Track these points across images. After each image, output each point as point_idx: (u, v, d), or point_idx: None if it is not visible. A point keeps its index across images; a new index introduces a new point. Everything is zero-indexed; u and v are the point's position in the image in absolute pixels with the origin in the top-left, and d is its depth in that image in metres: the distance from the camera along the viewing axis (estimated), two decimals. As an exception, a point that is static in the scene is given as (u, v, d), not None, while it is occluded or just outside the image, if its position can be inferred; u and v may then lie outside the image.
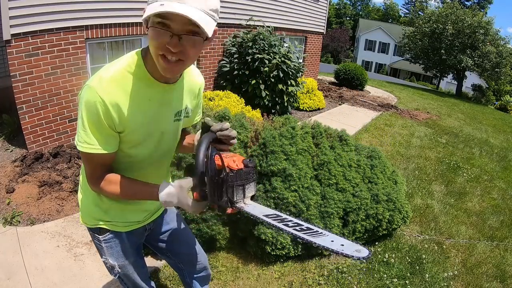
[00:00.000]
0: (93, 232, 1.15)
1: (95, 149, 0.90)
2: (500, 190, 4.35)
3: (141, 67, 0.92)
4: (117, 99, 0.88)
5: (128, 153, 1.00)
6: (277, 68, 5.44)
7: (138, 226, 1.19)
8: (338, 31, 43.17)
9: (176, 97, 1.03)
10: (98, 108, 0.86)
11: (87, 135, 0.89)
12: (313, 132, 2.58)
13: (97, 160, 0.94)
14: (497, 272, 2.64)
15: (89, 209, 1.12)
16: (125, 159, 1.02)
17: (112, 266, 1.19)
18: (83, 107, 0.87)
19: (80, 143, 0.90)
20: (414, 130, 6.42)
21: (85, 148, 0.90)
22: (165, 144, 1.08)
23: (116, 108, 0.89)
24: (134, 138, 0.97)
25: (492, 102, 20.06)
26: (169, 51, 0.81)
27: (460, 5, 17.61)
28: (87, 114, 0.87)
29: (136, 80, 0.91)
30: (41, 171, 3.24)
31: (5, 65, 4.16)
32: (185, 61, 0.86)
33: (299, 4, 7.98)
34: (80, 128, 0.89)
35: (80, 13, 3.74)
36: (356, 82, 10.00)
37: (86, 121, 0.88)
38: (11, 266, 2.10)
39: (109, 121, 0.89)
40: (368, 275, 2.38)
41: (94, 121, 0.88)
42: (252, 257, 2.41)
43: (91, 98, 0.86)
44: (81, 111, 0.88)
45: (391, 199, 2.58)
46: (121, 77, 0.90)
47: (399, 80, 27.27)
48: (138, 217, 1.17)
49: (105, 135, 0.90)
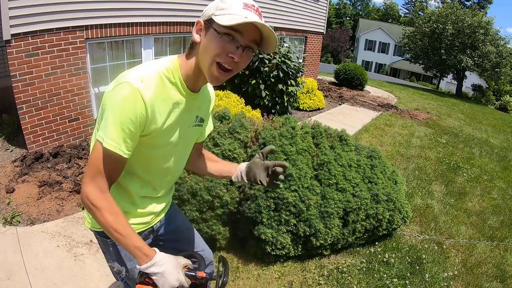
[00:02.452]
0: (101, 236, 1.13)
1: (120, 150, 0.88)
2: (500, 190, 4.35)
3: (177, 73, 0.94)
4: (153, 100, 0.89)
5: (148, 156, 0.99)
6: (277, 68, 5.44)
7: (146, 228, 1.18)
8: (338, 31, 43.17)
9: (196, 106, 1.07)
10: (136, 106, 0.86)
11: (116, 133, 0.86)
12: (313, 132, 2.58)
13: (112, 162, 0.91)
14: (497, 272, 2.64)
15: None
16: (144, 162, 1.01)
17: (119, 271, 1.17)
18: (119, 103, 0.85)
19: (108, 139, 0.86)
20: (414, 130, 6.42)
21: (112, 146, 0.87)
22: (181, 149, 1.10)
23: (152, 109, 0.89)
24: (156, 141, 0.97)
25: (492, 102, 20.06)
26: (229, 61, 0.88)
27: (460, 5, 17.62)
28: (123, 111, 0.85)
29: (170, 85, 0.94)
30: (41, 171, 3.24)
31: (5, 65, 4.17)
32: (233, 72, 0.92)
33: (299, 4, 7.98)
34: (111, 125, 0.86)
35: (80, 13, 3.74)
36: (356, 82, 10.00)
37: (118, 119, 0.85)
38: (11, 266, 2.10)
39: (143, 120, 0.88)
40: (368, 275, 2.38)
41: (128, 119, 0.86)
42: (252, 257, 2.41)
43: (131, 96, 0.85)
44: (114, 108, 0.86)
45: (391, 199, 2.58)
46: (158, 79, 0.91)
47: (399, 80, 27.27)
48: (146, 219, 1.17)
49: (131, 137, 0.88)
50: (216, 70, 0.89)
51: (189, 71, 0.95)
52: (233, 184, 2.31)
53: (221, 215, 2.27)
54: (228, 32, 0.85)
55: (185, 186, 2.19)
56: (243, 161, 2.30)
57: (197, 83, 0.99)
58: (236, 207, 2.29)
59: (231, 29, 0.85)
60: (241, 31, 0.86)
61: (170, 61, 0.95)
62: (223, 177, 1.31)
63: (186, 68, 0.95)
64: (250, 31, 0.86)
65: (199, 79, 0.98)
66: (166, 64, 0.94)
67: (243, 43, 0.87)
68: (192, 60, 0.95)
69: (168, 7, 4.80)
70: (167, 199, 1.25)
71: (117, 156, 0.89)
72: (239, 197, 2.29)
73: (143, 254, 0.91)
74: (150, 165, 1.04)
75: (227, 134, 2.33)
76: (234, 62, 0.89)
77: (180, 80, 0.95)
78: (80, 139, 4.09)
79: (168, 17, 4.85)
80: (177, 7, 4.94)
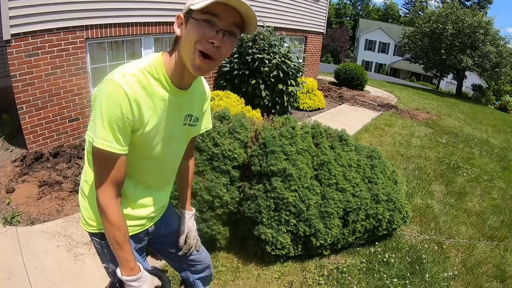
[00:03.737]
0: (95, 237, 1.14)
1: (111, 147, 0.88)
2: (500, 190, 4.35)
3: (160, 69, 0.94)
4: (137, 96, 0.89)
5: (137, 154, 0.99)
6: (277, 68, 5.44)
7: (141, 230, 1.18)
8: (338, 31, 43.15)
9: (186, 104, 1.06)
10: (120, 101, 0.86)
11: (105, 131, 0.86)
12: (313, 132, 2.58)
13: (109, 160, 0.91)
14: (497, 272, 2.64)
15: (92, 214, 1.10)
16: (134, 161, 1.01)
17: (114, 271, 1.17)
18: (103, 101, 0.85)
19: (97, 138, 0.87)
20: (414, 130, 6.42)
21: (102, 145, 0.87)
22: (173, 148, 1.10)
23: (136, 104, 0.89)
24: (146, 139, 0.97)
25: (492, 102, 20.07)
26: (210, 47, 0.86)
27: (460, 5, 17.61)
28: (108, 108, 0.85)
29: (154, 81, 0.93)
30: (41, 171, 3.24)
31: (5, 65, 4.16)
32: (216, 61, 0.90)
33: (299, 4, 7.98)
34: (99, 123, 0.86)
35: (80, 13, 3.74)
36: (356, 82, 10.00)
37: (105, 116, 0.86)
38: (11, 266, 2.10)
39: (130, 116, 0.88)
40: (368, 275, 2.38)
41: (114, 116, 0.86)
42: (252, 257, 2.41)
43: (114, 91, 0.85)
44: (100, 106, 0.86)
45: (391, 199, 2.58)
46: (141, 75, 0.91)
47: (399, 80, 27.27)
48: (140, 221, 1.16)
49: (121, 133, 0.89)
50: (198, 58, 0.88)
51: (173, 66, 0.94)
52: (233, 184, 2.31)
53: (221, 215, 2.27)
54: (206, 18, 0.84)
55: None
56: (242, 161, 2.31)
57: (183, 79, 0.98)
58: (236, 207, 2.29)
59: (209, 13, 0.83)
60: (219, 14, 0.84)
61: (153, 57, 0.95)
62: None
63: (170, 64, 0.95)
64: (228, 14, 0.84)
65: (184, 75, 0.97)
66: (149, 61, 0.94)
67: (223, 26, 0.85)
68: (175, 54, 0.94)
69: (168, 7, 4.80)
70: (163, 202, 1.24)
71: (110, 154, 0.89)
72: (239, 197, 2.29)
73: (129, 268, 0.98)
74: (141, 163, 1.03)
75: (227, 134, 2.33)
76: (215, 48, 0.86)
77: (165, 76, 0.95)
78: (80, 139, 4.10)
79: (168, 17, 4.85)
80: (177, 7, 4.94)
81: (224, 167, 2.24)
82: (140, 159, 1.02)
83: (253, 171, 2.28)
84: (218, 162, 2.24)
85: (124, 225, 0.97)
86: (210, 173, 2.23)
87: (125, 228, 0.97)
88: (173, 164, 1.18)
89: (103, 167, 0.92)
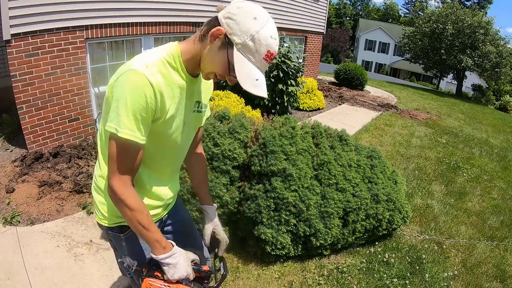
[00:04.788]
0: (113, 232, 1.13)
1: (136, 137, 0.89)
2: (500, 190, 4.35)
3: (178, 58, 0.97)
4: (160, 85, 0.91)
5: (155, 142, 1.01)
6: (277, 68, 5.44)
7: (156, 219, 1.19)
8: (338, 31, 43.15)
9: (196, 91, 1.10)
10: (146, 91, 0.87)
11: (129, 121, 0.87)
12: (313, 132, 2.58)
13: (131, 150, 0.92)
14: (497, 272, 2.64)
15: (111, 208, 1.09)
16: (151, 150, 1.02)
17: (129, 266, 1.17)
18: (128, 91, 0.87)
19: (122, 129, 0.87)
20: (414, 130, 6.43)
21: (127, 135, 0.88)
22: (186, 134, 1.12)
23: (160, 94, 0.91)
24: (165, 127, 1.00)
25: (492, 102, 20.08)
26: (222, 79, 0.99)
27: (460, 5, 17.61)
28: (133, 98, 0.86)
29: (172, 70, 0.97)
30: (41, 171, 3.24)
31: (5, 65, 4.16)
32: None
33: (299, 4, 7.98)
34: (123, 113, 0.87)
35: (80, 13, 3.74)
36: (356, 82, 10.00)
37: (130, 106, 0.86)
38: (11, 266, 2.10)
39: (153, 105, 0.90)
40: (368, 275, 2.38)
41: (139, 105, 0.87)
42: (252, 257, 2.41)
43: (139, 81, 0.87)
44: (124, 96, 0.87)
45: (391, 199, 2.58)
46: (162, 64, 0.93)
47: (399, 80, 27.27)
48: (156, 210, 1.17)
49: (143, 123, 0.90)
50: (213, 78, 1.00)
51: (189, 57, 0.98)
52: (233, 184, 2.31)
53: (221, 215, 2.26)
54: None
55: (185, 186, 2.19)
56: (242, 161, 2.31)
57: (196, 69, 1.02)
58: (236, 207, 2.29)
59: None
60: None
61: (170, 47, 0.98)
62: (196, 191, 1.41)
63: (187, 53, 0.98)
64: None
65: (198, 66, 1.01)
66: (167, 50, 0.97)
67: None
68: (198, 49, 0.97)
69: (168, 7, 4.80)
70: (176, 189, 1.26)
71: (134, 143, 0.91)
72: (239, 197, 2.29)
73: (162, 247, 0.98)
74: (157, 151, 1.05)
75: (227, 134, 2.33)
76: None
77: (181, 64, 0.98)
78: (80, 139, 4.09)
79: (168, 17, 4.85)
80: (177, 7, 4.94)
81: (224, 167, 2.24)
82: (157, 147, 1.04)
83: (253, 171, 2.28)
84: (218, 162, 2.24)
85: (145, 208, 0.98)
86: (210, 173, 2.23)
87: (146, 210, 0.98)
88: (184, 150, 1.21)
89: (123, 157, 0.93)
